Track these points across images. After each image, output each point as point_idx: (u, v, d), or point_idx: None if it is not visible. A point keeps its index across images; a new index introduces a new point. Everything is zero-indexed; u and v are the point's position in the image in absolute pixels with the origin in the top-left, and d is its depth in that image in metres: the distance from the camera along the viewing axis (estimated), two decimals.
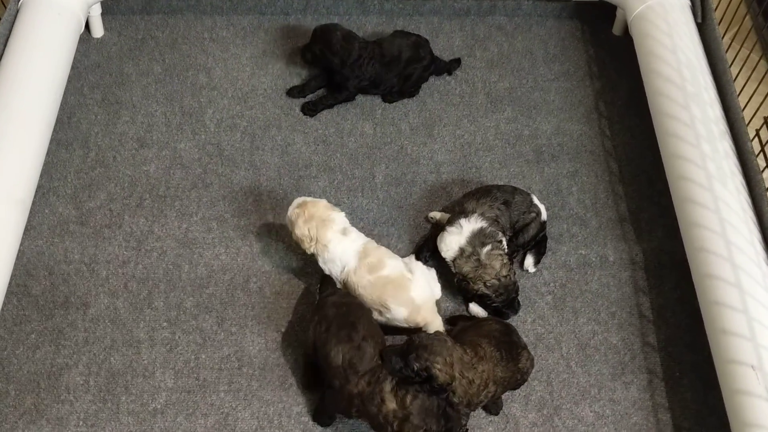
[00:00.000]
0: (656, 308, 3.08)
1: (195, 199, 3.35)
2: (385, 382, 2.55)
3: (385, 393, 2.53)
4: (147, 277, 3.14)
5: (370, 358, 2.59)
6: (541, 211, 3.11)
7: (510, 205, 3.05)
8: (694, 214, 2.84)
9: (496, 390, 2.68)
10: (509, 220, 3.03)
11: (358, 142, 3.53)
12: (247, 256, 3.19)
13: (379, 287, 2.83)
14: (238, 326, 3.02)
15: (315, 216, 2.88)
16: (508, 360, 2.69)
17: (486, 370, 2.62)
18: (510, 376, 2.70)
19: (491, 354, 2.66)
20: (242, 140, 3.53)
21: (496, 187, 3.14)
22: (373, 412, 2.53)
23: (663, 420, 2.84)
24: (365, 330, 2.65)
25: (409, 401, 2.51)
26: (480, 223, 2.95)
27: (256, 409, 2.85)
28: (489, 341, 2.70)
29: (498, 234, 2.95)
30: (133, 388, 2.89)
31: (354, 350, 2.59)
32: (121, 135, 3.54)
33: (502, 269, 2.89)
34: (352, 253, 2.88)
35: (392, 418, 2.51)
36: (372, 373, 2.57)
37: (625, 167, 3.47)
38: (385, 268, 2.86)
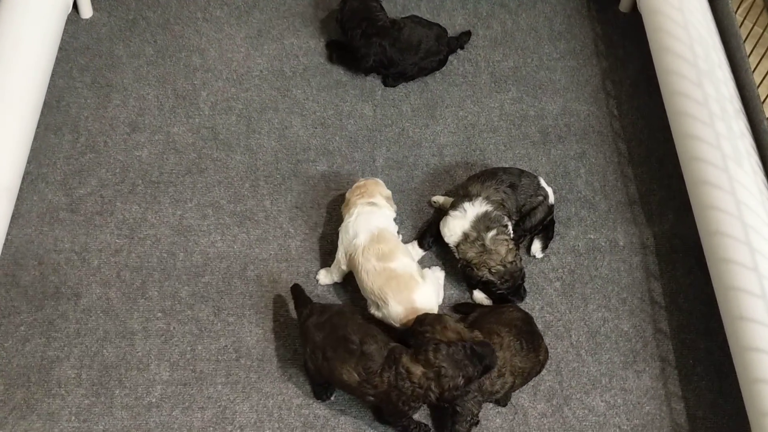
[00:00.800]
0: (668, 294, 2.97)
1: (189, 185, 3.23)
2: (401, 357, 2.45)
3: (407, 364, 2.43)
4: (140, 265, 3.03)
5: (378, 354, 2.49)
6: (548, 194, 3.00)
7: (516, 189, 2.93)
8: (708, 196, 2.73)
9: (515, 381, 2.58)
10: (515, 203, 2.92)
11: (357, 125, 3.41)
12: (243, 243, 3.08)
13: (383, 278, 2.72)
14: (236, 316, 2.92)
15: (366, 187, 2.92)
16: (529, 350, 2.60)
17: (502, 358, 2.52)
18: (530, 368, 2.61)
19: (510, 344, 2.57)
20: (238, 123, 3.41)
21: (501, 169, 3.02)
22: (409, 389, 2.42)
23: (676, 409, 2.74)
24: (358, 333, 2.54)
25: (433, 357, 2.41)
26: (484, 206, 2.84)
27: (255, 402, 2.75)
28: (509, 330, 2.60)
29: (503, 218, 2.83)
30: (127, 381, 2.79)
31: (360, 359, 2.49)
32: (112, 119, 3.41)
33: (507, 255, 2.78)
34: (366, 227, 2.79)
35: (426, 381, 2.41)
36: (387, 361, 2.47)
37: (634, 148, 3.36)
38: (395, 262, 2.74)
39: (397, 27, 3.43)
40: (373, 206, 2.87)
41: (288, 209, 3.16)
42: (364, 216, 2.83)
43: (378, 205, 2.88)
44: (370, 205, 2.86)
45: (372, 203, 2.87)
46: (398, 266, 2.74)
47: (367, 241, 2.76)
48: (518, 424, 2.71)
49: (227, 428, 2.71)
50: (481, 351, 2.42)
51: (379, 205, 2.88)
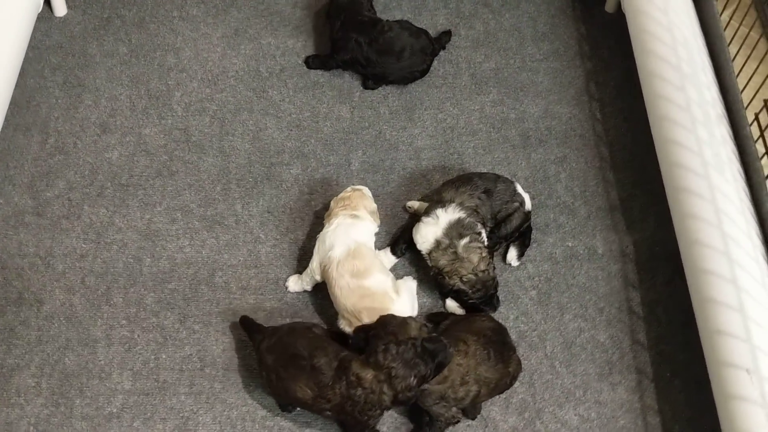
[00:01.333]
0: (647, 304, 2.88)
1: (159, 188, 3.15)
2: (351, 364, 2.38)
3: (357, 371, 2.36)
4: (106, 271, 2.95)
5: (328, 366, 2.42)
6: (525, 200, 2.91)
7: (491, 194, 2.85)
8: (688, 203, 2.64)
9: (480, 390, 2.49)
10: (490, 210, 2.83)
11: (333, 127, 3.33)
12: (212, 248, 3.00)
13: (357, 296, 2.63)
14: (202, 324, 2.84)
15: (351, 199, 2.83)
16: (498, 361, 2.51)
17: (464, 365, 2.45)
18: (498, 379, 2.52)
19: (476, 352, 2.49)
20: (211, 125, 3.33)
21: (477, 174, 2.94)
22: (362, 396, 2.35)
23: (652, 423, 2.66)
24: (307, 349, 2.46)
25: (382, 358, 2.34)
26: (458, 213, 2.75)
27: (218, 413, 2.67)
28: (477, 339, 2.53)
29: (477, 225, 2.75)
30: (88, 390, 2.72)
31: (311, 374, 2.42)
32: (83, 120, 3.34)
33: (480, 263, 2.69)
34: (342, 240, 2.70)
35: (378, 384, 2.34)
36: (337, 372, 2.40)
37: (616, 153, 3.27)
38: (369, 279, 2.65)
39: (380, 28, 3.35)
40: (355, 219, 2.77)
41: (259, 214, 3.09)
42: (343, 228, 2.74)
43: (360, 217, 2.78)
44: (353, 217, 2.77)
45: (354, 215, 2.78)
46: (373, 284, 2.65)
47: (343, 256, 2.67)
48: None
49: None
50: (432, 347, 2.34)
51: (361, 217, 2.79)
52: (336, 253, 2.68)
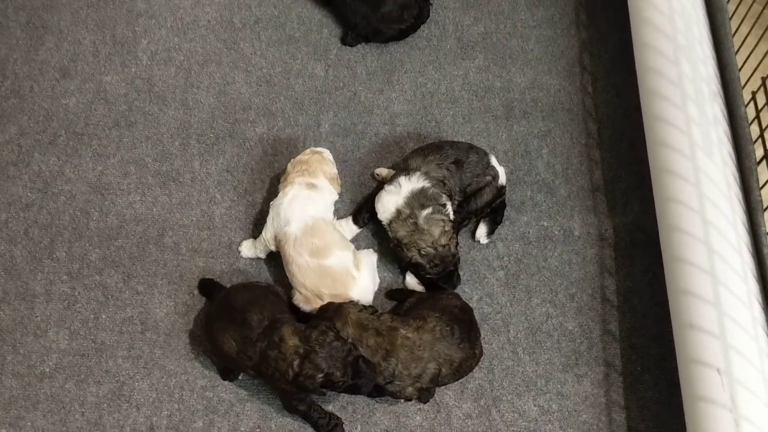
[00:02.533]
0: (622, 292, 2.69)
1: (115, 139, 2.97)
2: (282, 327, 2.24)
3: (284, 334, 2.22)
4: (51, 223, 2.79)
5: (259, 323, 2.29)
6: (498, 174, 2.71)
7: (462, 166, 2.65)
8: (670, 186, 2.43)
9: (441, 369, 2.32)
10: (459, 182, 2.63)
11: (306, 85, 3.13)
12: (164, 206, 2.83)
13: (317, 275, 2.46)
14: (146, 285, 2.68)
15: (309, 164, 2.62)
16: (462, 340, 2.35)
17: (413, 340, 2.29)
18: (463, 358, 2.36)
19: (434, 328, 2.32)
20: (176, 76, 3.14)
21: (449, 143, 2.73)
22: (273, 359, 2.21)
23: (616, 420, 2.48)
24: (244, 303, 2.33)
25: (315, 337, 2.20)
26: (422, 182, 2.56)
27: (156, 380, 2.52)
28: (440, 316, 2.36)
29: (441, 197, 2.56)
30: (21, 347, 2.57)
31: (240, 327, 2.28)
32: (43, 63, 3.15)
33: (441, 237, 2.50)
34: (298, 218, 2.49)
35: (292, 355, 2.19)
36: (266, 330, 2.26)
37: (605, 130, 3.05)
38: (330, 258, 2.47)
39: None
40: (312, 189, 2.56)
41: (217, 172, 2.90)
42: (299, 202, 2.53)
43: (318, 187, 2.58)
44: (309, 187, 2.56)
45: (311, 185, 2.57)
46: (333, 263, 2.47)
47: (300, 233, 2.48)
48: (439, 423, 2.46)
49: (122, 406, 2.49)
50: (363, 368, 2.20)
51: (319, 187, 2.58)
52: (292, 229, 2.49)
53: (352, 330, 2.29)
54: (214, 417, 2.46)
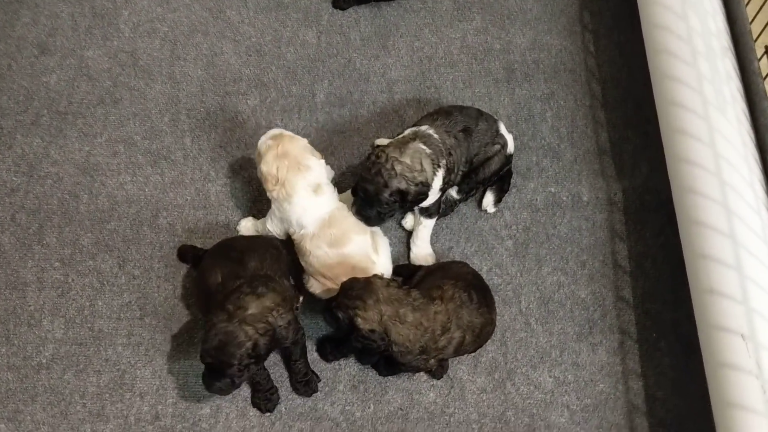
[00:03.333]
0: (634, 257, 2.62)
1: (101, 117, 2.84)
2: (271, 293, 2.11)
3: (264, 301, 2.10)
4: (39, 208, 2.67)
5: (253, 269, 2.23)
6: (507, 142, 2.60)
7: (471, 134, 2.53)
8: (684, 147, 2.35)
9: (464, 337, 2.23)
10: (467, 152, 2.52)
11: (297, 53, 3.00)
12: (157, 186, 2.71)
13: (338, 265, 2.35)
14: (143, 269, 2.57)
15: (290, 155, 2.34)
16: (480, 304, 2.26)
17: (442, 311, 2.19)
18: (483, 324, 2.27)
19: (454, 295, 2.23)
20: (161, 48, 2.99)
21: (458, 109, 2.59)
22: (232, 307, 2.09)
23: (634, 388, 2.43)
24: (243, 245, 2.31)
25: (277, 312, 2.10)
26: (431, 132, 2.43)
27: (158, 367, 2.43)
28: (455, 283, 2.27)
29: (439, 157, 2.40)
30: (15, 338, 2.47)
31: (233, 264, 2.24)
32: (19, 39, 3.00)
33: (415, 165, 2.34)
34: (313, 218, 2.37)
35: (244, 322, 2.06)
36: (250, 280, 2.16)
37: (609, 90, 2.95)
38: (349, 245, 2.36)
39: None
40: (318, 190, 2.37)
41: (210, 149, 2.78)
42: (311, 209, 2.36)
43: (321, 186, 2.38)
44: (316, 190, 2.37)
45: (317, 186, 2.37)
46: (353, 250, 2.36)
47: (317, 229, 2.36)
48: (454, 399, 2.40)
49: (125, 395, 2.40)
50: (295, 331, 2.18)
51: (322, 185, 2.38)
52: (309, 230, 2.37)
53: (386, 307, 2.13)
54: (221, 402, 2.38)
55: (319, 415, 2.37)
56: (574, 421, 2.38)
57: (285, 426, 2.36)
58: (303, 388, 2.38)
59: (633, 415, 2.39)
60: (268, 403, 2.36)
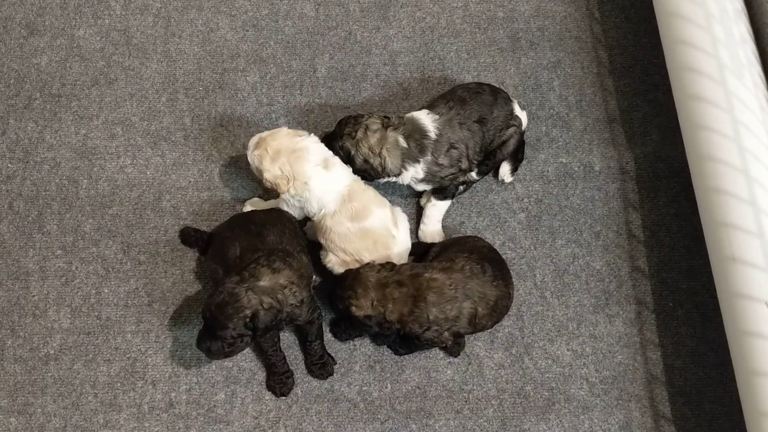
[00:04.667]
0: (649, 227, 2.59)
1: (96, 99, 2.75)
2: (287, 269, 2.12)
3: (276, 262, 2.11)
4: (37, 195, 2.59)
5: (272, 243, 2.21)
6: (522, 121, 2.54)
7: (486, 124, 2.46)
8: (700, 114, 2.30)
9: (477, 309, 2.21)
10: (481, 142, 2.46)
11: (296, 27, 2.91)
12: (158, 168, 2.63)
13: (359, 240, 2.31)
14: (148, 254, 2.51)
15: (282, 150, 2.29)
16: (495, 277, 2.25)
17: (447, 280, 2.19)
18: (498, 297, 2.25)
19: (464, 267, 2.22)
20: (155, 25, 2.89)
21: (473, 93, 2.48)
22: (246, 275, 2.09)
23: (652, 359, 2.41)
24: (262, 220, 2.28)
25: (288, 290, 2.10)
26: (428, 123, 2.42)
27: (169, 354, 2.38)
28: (469, 255, 2.26)
29: (420, 155, 2.41)
30: (20, 329, 2.40)
31: (253, 238, 2.20)
32: (6, 20, 2.89)
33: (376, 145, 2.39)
34: (334, 195, 2.31)
35: (251, 297, 2.05)
36: (267, 253, 2.14)
37: (616, 57, 2.89)
38: (370, 218, 2.32)
39: None
40: (327, 164, 2.32)
41: (211, 128, 2.70)
42: (328, 186, 2.31)
43: (329, 162, 2.33)
44: (325, 166, 2.31)
45: (324, 161, 2.32)
46: (374, 223, 2.32)
47: (338, 206, 2.31)
48: (472, 375, 2.38)
49: (137, 384, 2.35)
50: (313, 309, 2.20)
51: (328, 158, 2.33)
52: (330, 208, 2.32)
53: (374, 293, 2.19)
54: (236, 387, 2.34)
55: (336, 396, 2.34)
56: (594, 393, 2.36)
57: (302, 408, 2.32)
58: (319, 371, 2.34)
59: (652, 386, 2.37)
60: (284, 386, 2.32)
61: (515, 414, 2.33)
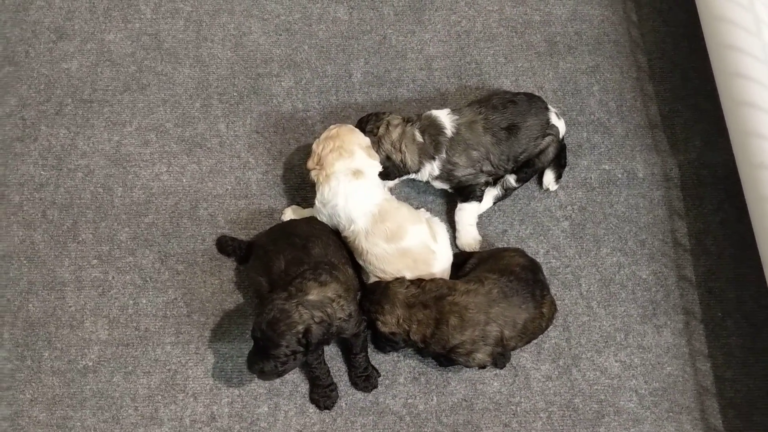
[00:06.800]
0: (694, 235, 2.55)
1: (128, 105, 2.70)
2: (334, 283, 2.08)
3: (326, 289, 2.07)
4: (71, 203, 2.53)
5: (318, 255, 2.16)
6: (559, 130, 2.50)
7: (517, 132, 2.42)
8: (751, 121, 2.26)
9: (503, 332, 2.16)
10: (509, 150, 2.41)
11: (330, 31, 2.86)
12: (194, 175, 2.59)
13: (398, 260, 2.26)
14: (186, 263, 2.46)
15: (339, 138, 2.31)
16: (525, 300, 2.20)
17: (469, 304, 2.15)
18: (527, 320, 2.19)
19: (492, 290, 2.17)
20: (186, 30, 2.84)
21: (507, 102, 2.45)
22: (294, 290, 2.05)
23: (702, 370, 2.36)
24: (305, 232, 2.23)
25: (327, 308, 2.05)
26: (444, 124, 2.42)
27: (210, 366, 2.33)
28: (498, 277, 2.20)
29: (436, 153, 2.41)
30: (57, 341, 2.35)
31: (299, 251, 2.16)
32: (35, 24, 2.84)
33: (399, 142, 2.41)
34: (362, 212, 2.26)
35: (296, 307, 2.01)
36: (316, 266, 2.11)
37: (655, 61, 2.85)
38: (406, 238, 2.26)
39: None
40: (360, 177, 2.28)
41: (246, 134, 2.66)
42: (355, 198, 2.26)
43: (364, 173, 2.29)
44: (356, 175, 2.27)
45: (357, 172, 2.28)
46: (411, 243, 2.26)
47: (369, 225, 2.26)
48: (519, 388, 2.33)
49: (177, 396, 2.30)
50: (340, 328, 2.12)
51: (365, 173, 2.29)
52: (359, 226, 2.26)
53: (401, 311, 2.18)
54: (278, 400, 2.29)
55: (381, 409, 2.29)
56: (644, 405, 2.32)
57: (347, 422, 2.28)
58: (363, 384, 2.29)
59: (703, 397, 2.33)
60: (327, 399, 2.27)
61: (564, 427, 2.28)
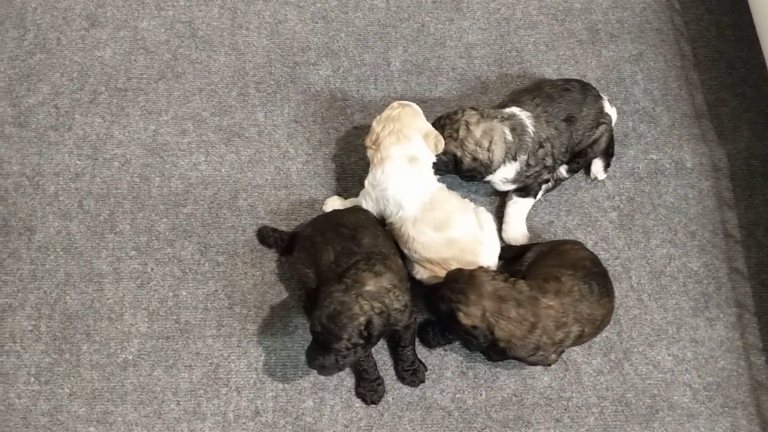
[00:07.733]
0: (745, 226, 2.49)
1: (164, 93, 2.64)
2: (388, 272, 2.03)
3: (382, 279, 2.00)
4: (107, 193, 2.48)
5: (368, 245, 2.09)
6: (612, 118, 2.44)
7: (575, 123, 2.37)
8: None
9: (584, 330, 2.08)
10: (567, 142, 2.36)
11: (367, 18, 2.80)
12: (233, 165, 2.53)
13: (445, 249, 2.20)
14: (227, 255, 2.40)
15: (400, 121, 2.24)
16: (602, 295, 2.10)
17: (557, 307, 2.03)
18: (605, 315, 2.12)
19: (572, 288, 2.06)
20: (221, 17, 2.79)
21: (561, 90, 2.41)
22: (348, 284, 1.99)
23: (757, 364, 2.31)
24: (353, 222, 2.16)
25: (386, 282, 2.00)
26: (526, 122, 2.31)
27: (253, 359, 2.28)
28: (574, 273, 2.10)
29: (519, 153, 2.32)
30: (96, 334, 2.30)
31: (348, 241, 2.10)
32: (66, 11, 2.78)
33: (483, 139, 2.30)
34: (412, 199, 2.21)
35: (354, 299, 1.95)
36: (367, 256, 2.06)
37: (700, 49, 2.79)
38: (454, 227, 2.20)
39: None
40: (415, 163, 2.22)
41: (285, 124, 2.60)
42: (407, 183, 2.21)
43: (418, 159, 2.23)
44: (411, 161, 2.22)
45: (413, 158, 2.22)
46: (459, 232, 2.21)
47: (419, 212, 2.20)
48: (570, 383, 2.28)
49: (221, 390, 2.25)
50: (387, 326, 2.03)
51: (418, 158, 2.23)
52: (408, 212, 2.21)
53: (489, 303, 2.00)
54: (324, 394, 2.24)
55: (428, 404, 2.24)
56: (698, 400, 2.26)
57: (394, 416, 2.22)
58: (410, 378, 2.24)
59: (758, 392, 2.28)
60: (374, 394, 2.22)
61: (618, 422, 2.23)
